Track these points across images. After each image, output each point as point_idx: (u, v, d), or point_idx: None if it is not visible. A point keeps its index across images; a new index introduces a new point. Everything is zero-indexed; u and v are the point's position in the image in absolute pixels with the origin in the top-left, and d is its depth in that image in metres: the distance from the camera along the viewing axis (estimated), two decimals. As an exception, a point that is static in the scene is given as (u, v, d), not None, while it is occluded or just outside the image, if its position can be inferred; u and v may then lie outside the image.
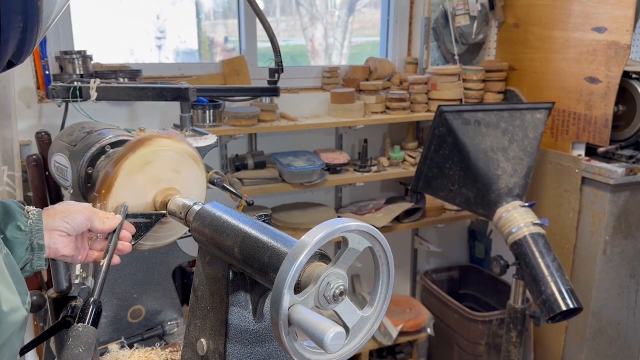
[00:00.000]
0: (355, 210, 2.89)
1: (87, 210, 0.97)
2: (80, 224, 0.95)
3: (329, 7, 3.14)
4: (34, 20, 0.65)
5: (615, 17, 2.34)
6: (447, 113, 2.28)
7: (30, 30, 0.66)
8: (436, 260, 3.39)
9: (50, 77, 2.24)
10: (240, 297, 0.92)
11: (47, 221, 0.92)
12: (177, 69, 2.59)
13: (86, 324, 0.85)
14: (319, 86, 2.88)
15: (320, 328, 0.68)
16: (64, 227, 0.93)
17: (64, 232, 0.93)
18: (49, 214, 0.93)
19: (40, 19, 0.67)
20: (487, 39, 3.04)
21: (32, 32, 0.66)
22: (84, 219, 0.95)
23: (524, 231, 2.11)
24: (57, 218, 0.93)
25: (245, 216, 0.95)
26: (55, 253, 0.93)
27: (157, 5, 2.68)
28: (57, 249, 0.93)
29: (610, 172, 2.35)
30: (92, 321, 0.86)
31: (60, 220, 0.92)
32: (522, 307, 2.25)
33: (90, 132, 1.33)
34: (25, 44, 0.66)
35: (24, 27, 0.65)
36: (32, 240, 0.89)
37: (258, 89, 2.28)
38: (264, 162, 2.61)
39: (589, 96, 2.49)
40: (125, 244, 1.01)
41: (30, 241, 0.89)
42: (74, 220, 0.94)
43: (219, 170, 1.55)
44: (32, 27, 0.66)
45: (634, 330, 2.64)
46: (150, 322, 1.56)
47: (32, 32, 0.66)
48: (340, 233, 0.74)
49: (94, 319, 0.87)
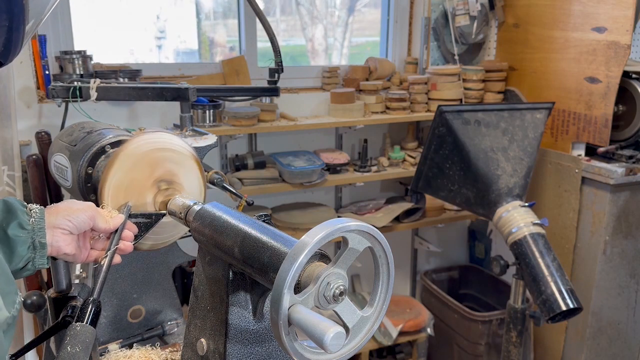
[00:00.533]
0: (355, 210, 2.89)
1: (90, 209, 0.97)
2: (83, 223, 0.95)
3: (329, 7, 3.14)
4: (20, 19, 0.65)
5: (615, 17, 2.34)
6: (447, 113, 2.28)
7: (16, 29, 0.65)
8: (436, 260, 3.39)
9: (50, 77, 2.24)
10: (240, 297, 0.92)
11: (50, 219, 0.91)
12: (177, 69, 2.59)
13: (85, 324, 0.85)
14: (319, 86, 2.88)
15: (320, 328, 0.68)
16: (66, 225, 0.92)
17: (67, 230, 0.93)
18: (52, 212, 0.93)
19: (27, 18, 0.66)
20: (487, 39, 3.04)
21: (18, 31, 0.65)
22: (86, 217, 0.95)
23: (524, 231, 2.11)
24: (59, 216, 0.92)
25: (245, 216, 0.95)
26: (58, 251, 0.93)
27: (157, 5, 2.68)
28: (59, 247, 0.92)
29: (610, 172, 2.35)
30: (91, 321, 0.86)
31: (62, 219, 0.92)
32: (522, 307, 2.25)
33: (90, 132, 1.33)
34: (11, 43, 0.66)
35: (9, 27, 0.64)
36: (34, 239, 0.89)
37: (258, 89, 2.28)
38: (264, 162, 2.61)
39: (589, 96, 2.49)
40: (127, 244, 1.01)
41: (32, 239, 0.89)
42: (77, 218, 0.94)
43: (219, 170, 1.55)
44: (17, 26, 0.65)
45: (634, 330, 2.64)
46: (150, 322, 1.56)
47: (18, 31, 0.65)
48: (340, 233, 0.74)
49: (93, 318, 0.86)
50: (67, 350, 0.80)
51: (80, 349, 0.81)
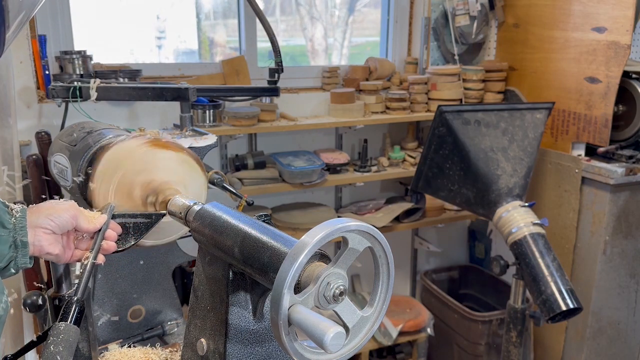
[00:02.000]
0: (355, 210, 2.89)
1: (72, 209, 0.97)
2: (65, 222, 0.95)
3: (329, 7, 3.14)
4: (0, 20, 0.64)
5: (615, 17, 2.34)
6: (447, 113, 2.28)
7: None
8: (436, 260, 3.39)
9: (50, 77, 2.24)
10: (240, 297, 0.92)
11: (32, 219, 0.91)
12: (177, 69, 2.59)
13: (68, 323, 0.85)
14: (319, 86, 2.88)
15: (320, 328, 0.68)
16: (48, 224, 0.92)
17: (49, 229, 0.93)
18: (34, 211, 0.93)
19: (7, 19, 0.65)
20: (487, 39, 3.04)
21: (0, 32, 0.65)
22: (69, 217, 0.95)
23: (524, 231, 2.11)
24: (41, 216, 0.92)
25: (245, 216, 0.95)
26: (40, 251, 0.93)
27: (157, 6, 2.68)
28: (41, 247, 0.92)
29: (610, 172, 2.35)
30: (75, 320, 0.86)
31: (45, 218, 0.92)
32: (522, 307, 2.25)
33: (90, 132, 1.33)
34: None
35: None
36: (16, 238, 0.89)
37: (258, 89, 2.28)
38: (264, 162, 2.61)
39: (589, 96, 2.49)
40: (110, 243, 1.01)
41: (13, 238, 0.88)
42: (59, 218, 0.94)
43: (219, 170, 1.55)
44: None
45: (634, 330, 2.64)
46: (150, 322, 1.56)
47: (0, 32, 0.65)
48: (340, 233, 0.74)
49: (77, 317, 0.87)
50: (50, 350, 0.80)
51: (63, 348, 0.81)
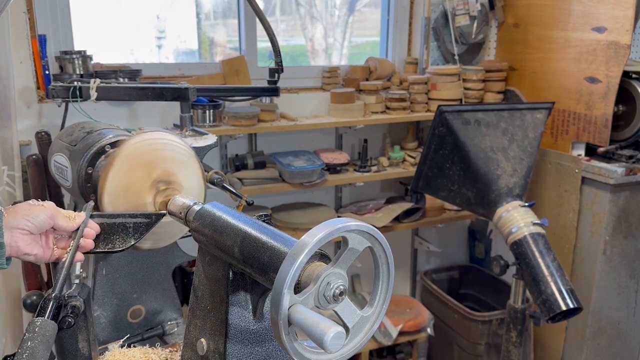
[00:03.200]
0: (355, 210, 2.89)
1: (50, 209, 0.97)
2: (42, 222, 0.95)
3: (329, 7, 3.14)
4: None
5: (615, 17, 2.34)
6: (447, 113, 2.28)
7: None
8: (436, 260, 3.39)
9: (50, 77, 2.24)
10: (240, 297, 0.92)
11: (8, 220, 0.92)
12: (177, 69, 2.59)
13: (45, 318, 0.86)
14: (319, 86, 2.88)
15: (320, 328, 0.68)
16: (25, 225, 0.93)
17: (26, 230, 0.93)
18: (10, 213, 0.93)
19: None
20: (487, 39, 3.04)
21: None
22: (46, 217, 0.95)
23: (524, 231, 2.11)
24: (18, 216, 0.93)
25: (245, 216, 0.95)
26: (17, 252, 0.93)
27: (157, 5, 2.68)
28: (18, 248, 0.93)
29: (610, 172, 2.35)
30: (52, 316, 0.87)
31: (22, 219, 0.93)
32: (522, 307, 2.25)
33: (90, 132, 1.34)
34: None
35: None
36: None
37: (258, 89, 2.28)
38: (264, 162, 2.61)
39: (589, 96, 2.49)
40: (88, 241, 1.02)
41: None
42: (36, 218, 0.94)
43: (219, 170, 1.55)
44: None
45: (634, 330, 2.64)
46: (150, 322, 1.56)
47: None
48: (340, 233, 0.74)
49: (54, 313, 0.88)
50: (27, 345, 0.81)
51: (39, 342, 0.81)
